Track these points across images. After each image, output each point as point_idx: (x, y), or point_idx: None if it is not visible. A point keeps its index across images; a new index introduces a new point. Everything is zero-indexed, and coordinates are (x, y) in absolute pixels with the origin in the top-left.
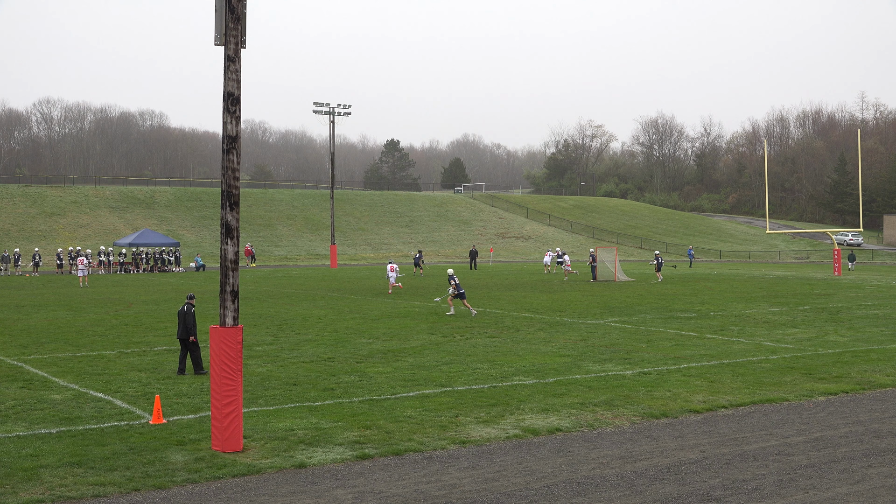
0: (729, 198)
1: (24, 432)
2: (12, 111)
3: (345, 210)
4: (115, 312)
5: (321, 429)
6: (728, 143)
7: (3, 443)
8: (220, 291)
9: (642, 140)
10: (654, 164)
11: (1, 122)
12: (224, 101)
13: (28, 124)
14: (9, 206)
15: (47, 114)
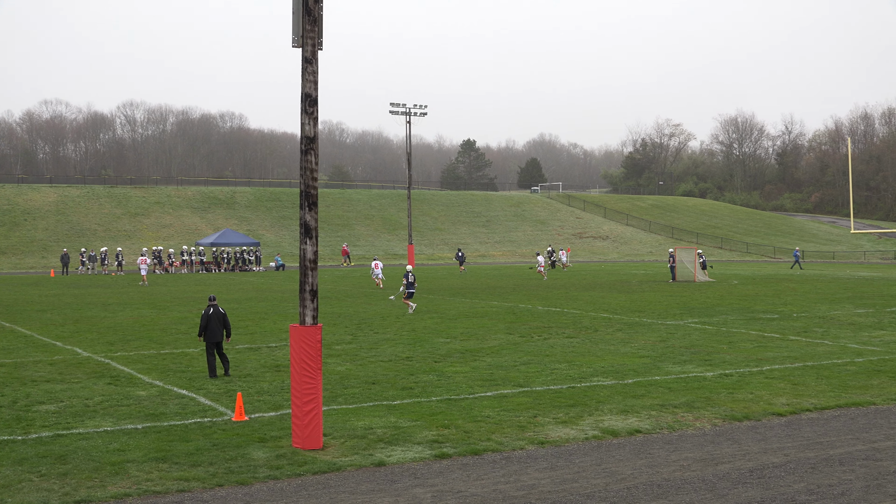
0: (811, 197)
1: (111, 427)
2: (97, 114)
3: (422, 210)
4: (197, 311)
5: (400, 427)
6: (810, 142)
7: (91, 437)
8: (299, 291)
9: (721, 139)
10: (734, 162)
11: (87, 124)
12: (302, 103)
13: (113, 126)
14: (95, 206)
15: (131, 116)
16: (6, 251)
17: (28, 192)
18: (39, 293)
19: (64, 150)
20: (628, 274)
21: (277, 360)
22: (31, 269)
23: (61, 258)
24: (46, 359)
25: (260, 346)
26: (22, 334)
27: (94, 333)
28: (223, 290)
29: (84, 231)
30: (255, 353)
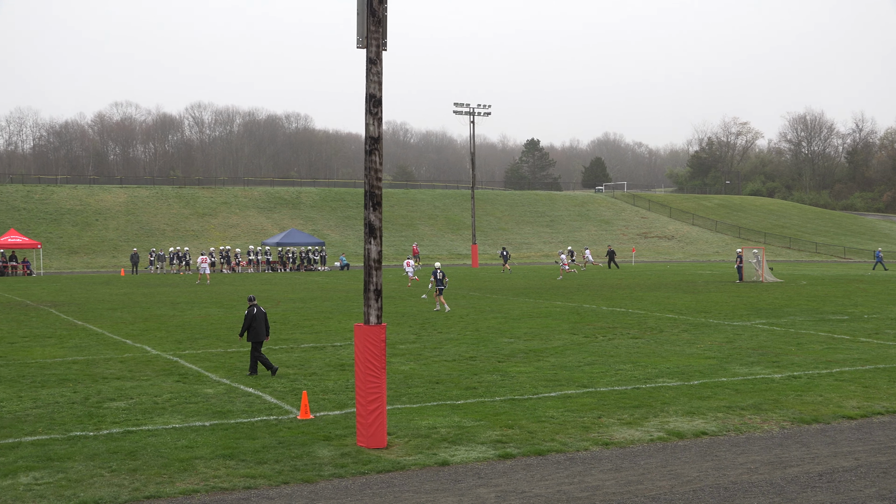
0: (884, 196)
1: (179, 424)
2: (166, 115)
3: (485, 210)
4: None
5: (464, 427)
6: (882, 140)
7: (160, 434)
8: (364, 290)
9: (790, 137)
10: (803, 161)
11: (156, 126)
12: (366, 103)
13: (181, 128)
14: (164, 206)
15: (199, 118)
16: (78, 250)
17: (99, 193)
18: (110, 292)
19: (134, 152)
20: (694, 274)
21: (342, 359)
22: (102, 268)
23: (131, 258)
24: (117, 356)
25: (325, 345)
26: (94, 332)
27: (162, 332)
28: (288, 290)
29: (153, 231)
30: (321, 352)
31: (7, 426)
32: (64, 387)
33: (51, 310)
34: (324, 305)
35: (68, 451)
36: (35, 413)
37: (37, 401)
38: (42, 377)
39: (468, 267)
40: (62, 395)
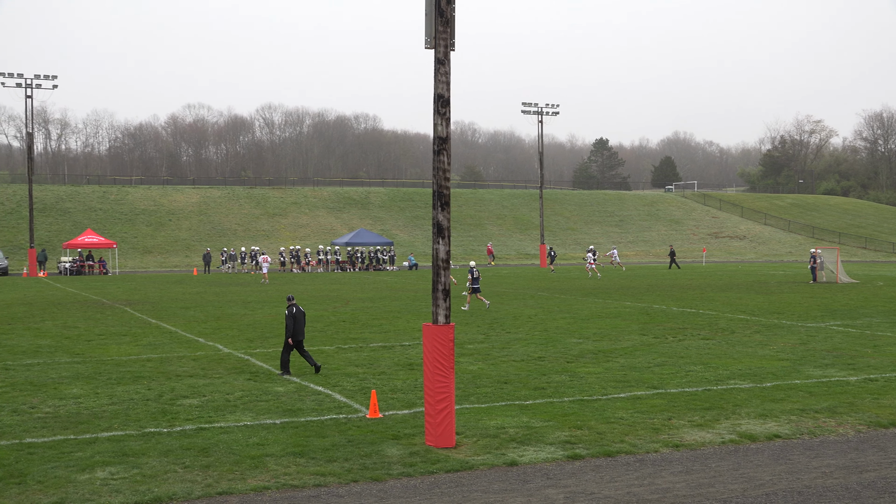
0: None
1: (251, 422)
2: (238, 117)
3: (553, 209)
4: (333, 309)
5: (532, 427)
6: None
7: (232, 431)
8: (432, 290)
9: (866, 135)
10: (879, 159)
11: (227, 127)
12: (434, 104)
13: (252, 129)
14: (235, 207)
15: (269, 119)
16: (152, 250)
17: (172, 194)
18: (183, 291)
19: (206, 153)
20: (766, 275)
21: (411, 359)
22: (175, 267)
23: (203, 257)
24: (190, 354)
25: (394, 344)
26: (167, 330)
27: (234, 330)
28: (357, 289)
29: (225, 231)
30: (389, 352)
31: (84, 422)
32: (139, 384)
33: (126, 308)
34: (392, 305)
35: (143, 447)
36: (111, 409)
37: (113, 397)
38: (118, 374)
39: (536, 267)
40: (137, 392)
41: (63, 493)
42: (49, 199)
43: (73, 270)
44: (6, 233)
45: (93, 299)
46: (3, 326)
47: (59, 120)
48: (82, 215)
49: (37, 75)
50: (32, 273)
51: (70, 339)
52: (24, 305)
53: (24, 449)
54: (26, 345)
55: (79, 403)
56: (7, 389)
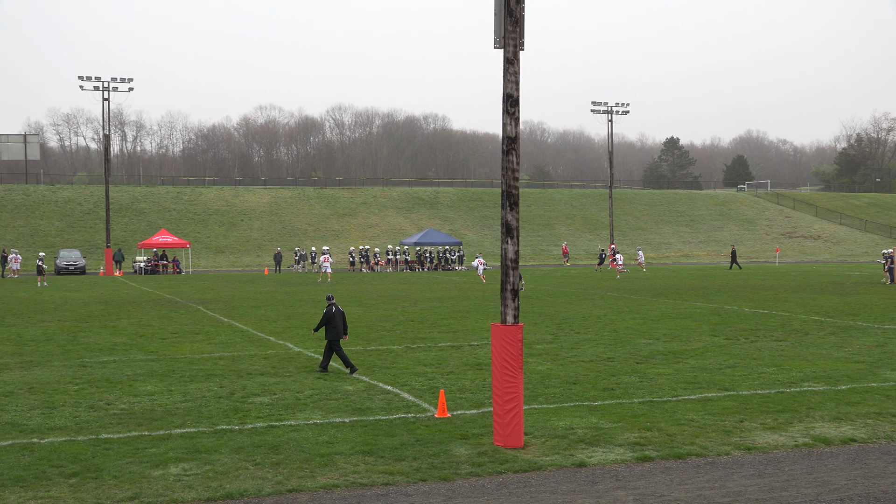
0: None
1: (320, 420)
2: (308, 118)
3: (623, 209)
4: (401, 309)
5: (601, 428)
6: None
7: (302, 429)
8: (500, 290)
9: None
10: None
11: (298, 128)
12: (503, 103)
13: (322, 130)
14: (305, 207)
15: (339, 119)
16: (224, 250)
17: (244, 194)
18: (254, 290)
19: (277, 154)
20: (841, 275)
21: (479, 359)
22: (246, 266)
23: (274, 257)
24: (261, 353)
25: (462, 344)
26: (239, 329)
27: (304, 329)
28: (426, 289)
29: (295, 231)
30: (458, 351)
31: (158, 419)
32: (211, 381)
33: (199, 307)
34: (461, 305)
35: (215, 443)
36: (184, 406)
37: (186, 395)
38: (191, 372)
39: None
40: (209, 390)
41: (137, 488)
42: (125, 200)
43: (148, 270)
44: (84, 233)
45: (167, 298)
46: (81, 324)
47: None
48: (157, 215)
49: (113, 78)
50: (109, 272)
51: (145, 337)
52: (101, 304)
53: (100, 444)
54: (103, 342)
55: (153, 400)
56: (84, 386)
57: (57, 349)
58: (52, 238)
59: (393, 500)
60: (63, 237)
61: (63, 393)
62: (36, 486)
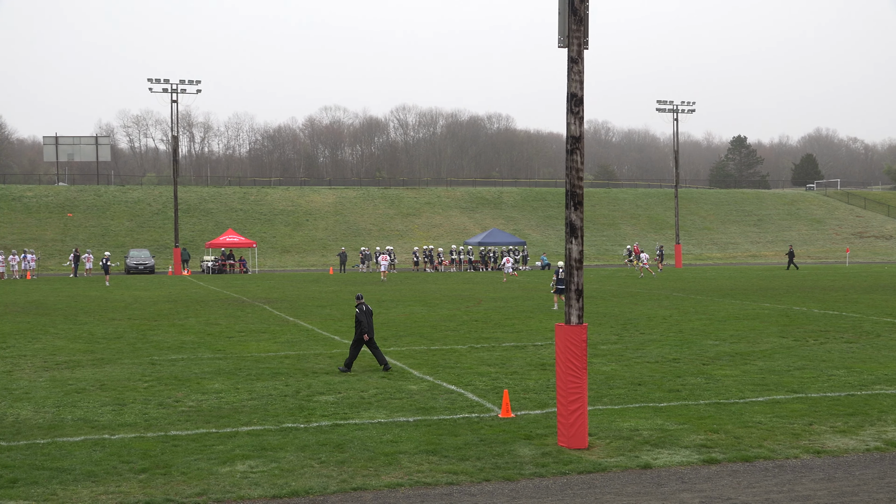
0: None
1: (384, 419)
2: (373, 118)
3: (689, 209)
4: (465, 309)
5: (667, 430)
6: None
7: (366, 428)
8: (564, 290)
9: None
10: None
11: (363, 128)
12: (567, 103)
13: (386, 130)
14: (370, 207)
15: (403, 120)
16: (290, 249)
17: (310, 194)
18: (319, 289)
19: (342, 154)
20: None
21: (543, 359)
22: (311, 266)
23: (339, 256)
24: (326, 352)
25: (526, 344)
26: (304, 328)
27: None
28: (490, 289)
29: (360, 231)
30: (521, 351)
31: (225, 416)
32: (277, 380)
33: (265, 306)
34: (525, 304)
35: (281, 441)
36: (251, 404)
37: (252, 393)
38: (257, 370)
39: (672, 267)
40: (275, 388)
41: (205, 484)
42: (193, 200)
43: (215, 269)
44: (153, 232)
45: (233, 297)
46: (150, 323)
47: (202, 123)
48: (224, 215)
49: (182, 80)
50: (177, 271)
51: (212, 335)
52: (170, 303)
53: (168, 441)
54: (171, 341)
55: (220, 398)
56: (153, 384)
57: (127, 347)
58: (122, 238)
59: (457, 500)
60: (132, 237)
61: (133, 390)
62: (107, 481)
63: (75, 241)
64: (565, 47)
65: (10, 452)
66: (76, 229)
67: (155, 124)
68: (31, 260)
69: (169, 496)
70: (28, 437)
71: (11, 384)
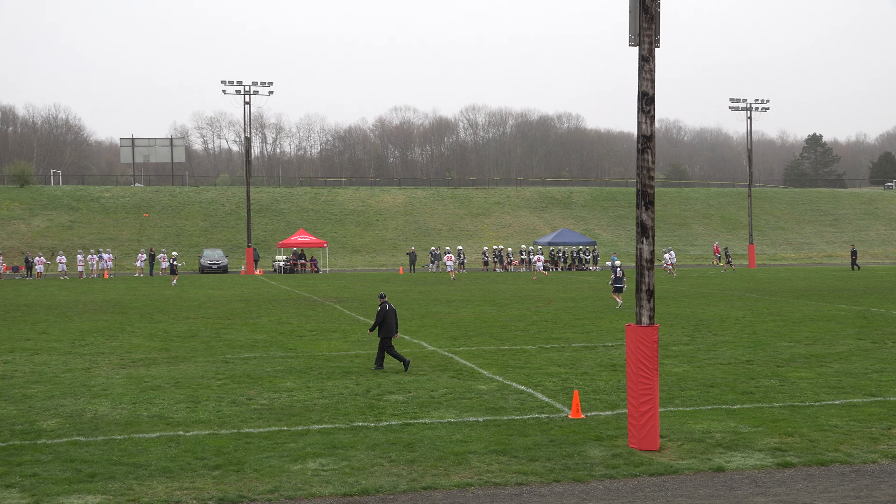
0: None
1: (454, 419)
2: (442, 118)
3: (763, 208)
4: (535, 309)
5: (740, 433)
6: None
7: (436, 427)
8: (635, 290)
9: None
10: None
11: (433, 129)
12: (638, 101)
13: (456, 130)
14: (440, 207)
15: (473, 119)
16: (360, 249)
17: (380, 195)
18: (389, 289)
19: (412, 154)
20: None
21: (613, 360)
22: (381, 266)
23: (409, 256)
24: None
25: (596, 344)
26: None
27: (438, 329)
28: (560, 289)
29: (429, 230)
30: (592, 352)
31: (297, 414)
32: (347, 379)
33: (335, 305)
34: (595, 305)
35: (351, 440)
36: (322, 403)
37: (323, 391)
38: (328, 369)
39: (744, 267)
40: (346, 387)
41: (277, 481)
42: (265, 201)
43: (287, 269)
44: (226, 233)
45: (305, 297)
46: (223, 322)
47: (274, 125)
48: (295, 216)
49: (254, 82)
50: (250, 271)
51: (284, 334)
52: (242, 302)
53: (241, 438)
54: (244, 339)
55: (292, 396)
56: (227, 382)
57: (201, 345)
58: (196, 238)
59: (526, 500)
60: (206, 237)
61: (207, 388)
62: (181, 476)
63: (150, 241)
64: (636, 45)
65: (89, 448)
66: (151, 229)
67: (228, 126)
68: (107, 259)
69: (242, 493)
70: (106, 433)
71: (90, 381)
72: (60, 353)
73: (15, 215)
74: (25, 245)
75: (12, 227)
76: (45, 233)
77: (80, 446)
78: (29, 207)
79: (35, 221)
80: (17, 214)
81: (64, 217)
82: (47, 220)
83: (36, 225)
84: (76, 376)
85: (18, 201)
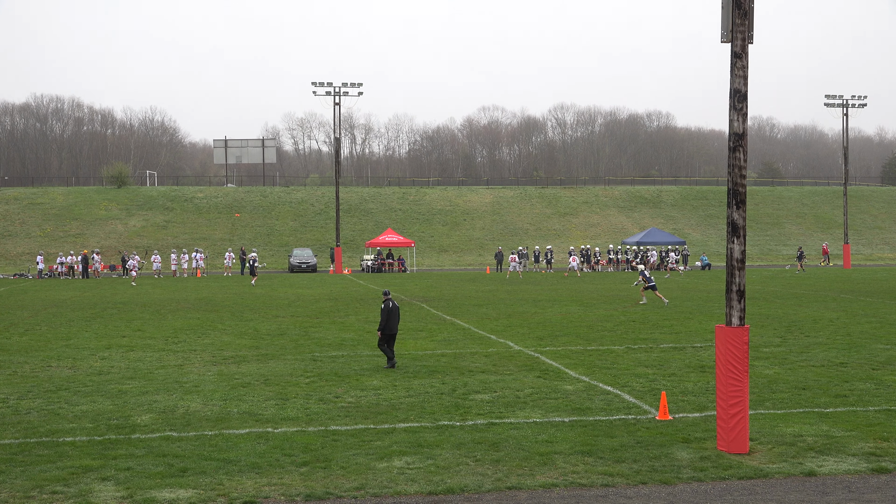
0: None
1: (540, 419)
2: (530, 118)
3: (859, 207)
4: (622, 309)
5: (833, 437)
6: None
7: (521, 427)
8: (726, 291)
9: None
10: None
11: (521, 128)
12: (730, 99)
13: (544, 129)
14: (527, 206)
15: (561, 119)
16: (448, 249)
17: (467, 194)
18: (476, 289)
19: (499, 154)
20: None
21: (702, 361)
22: (468, 265)
23: (496, 256)
24: (482, 351)
25: (685, 345)
26: (461, 327)
27: (524, 328)
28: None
29: (517, 230)
30: (680, 353)
31: (384, 413)
32: (433, 378)
33: (422, 305)
34: (684, 305)
35: (437, 438)
36: (408, 402)
37: (409, 390)
38: (414, 368)
39: (839, 268)
40: (432, 386)
41: (363, 479)
42: (353, 200)
43: (375, 268)
44: (315, 232)
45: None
46: (312, 320)
47: (363, 125)
48: (383, 215)
49: (344, 84)
50: (338, 270)
51: (371, 333)
52: (331, 301)
53: (329, 436)
54: (332, 338)
55: (378, 395)
56: (315, 379)
57: (290, 343)
58: (286, 237)
59: (612, 502)
60: (296, 236)
61: (295, 385)
62: (270, 472)
63: (242, 241)
64: (728, 42)
65: (181, 443)
66: (243, 229)
67: (318, 126)
68: (199, 259)
69: (329, 489)
70: (197, 429)
71: (182, 377)
72: (154, 349)
73: (112, 215)
74: (122, 244)
75: (110, 226)
76: (140, 232)
77: (172, 441)
78: (126, 208)
79: (131, 221)
80: (115, 215)
81: (159, 217)
82: (143, 220)
83: (132, 225)
84: (169, 373)
85: (116, 202)
